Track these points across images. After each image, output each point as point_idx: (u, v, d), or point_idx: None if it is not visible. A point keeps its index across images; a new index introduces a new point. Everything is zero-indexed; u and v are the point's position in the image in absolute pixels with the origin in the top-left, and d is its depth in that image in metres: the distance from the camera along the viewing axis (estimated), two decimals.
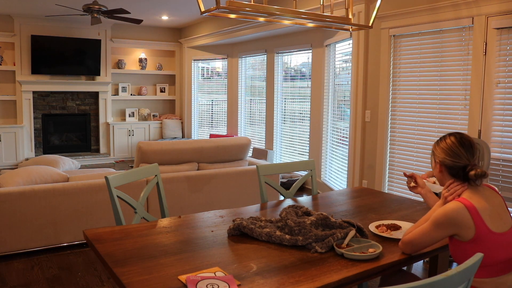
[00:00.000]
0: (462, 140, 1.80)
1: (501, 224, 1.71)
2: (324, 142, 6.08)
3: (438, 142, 1.87)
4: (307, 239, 1.85)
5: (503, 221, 1.73)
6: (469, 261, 1.34)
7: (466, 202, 1.68)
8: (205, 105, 9.10)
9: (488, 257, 1.65)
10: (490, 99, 3.60)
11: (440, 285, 1.24)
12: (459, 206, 1.66)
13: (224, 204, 4.40)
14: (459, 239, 1.70)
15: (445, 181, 1.85)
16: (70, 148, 8.46)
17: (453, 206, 1.67)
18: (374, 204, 2.61)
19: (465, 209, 1.65)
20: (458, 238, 1.69)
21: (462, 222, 1.65)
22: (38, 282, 3.21)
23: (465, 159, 1.77)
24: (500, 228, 1.70)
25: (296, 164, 3.06)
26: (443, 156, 1.81)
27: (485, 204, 1.71)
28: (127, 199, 2.40)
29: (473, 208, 1.66)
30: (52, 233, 3.73)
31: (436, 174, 1.90)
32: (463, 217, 1.65)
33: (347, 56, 5.35)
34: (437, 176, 1.89)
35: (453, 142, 1.80)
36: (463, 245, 1.69)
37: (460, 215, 1.65)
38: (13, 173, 3.89)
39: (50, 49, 7.82)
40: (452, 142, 1.81)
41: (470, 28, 3.73)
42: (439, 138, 1.89)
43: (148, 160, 4.19)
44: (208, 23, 8.06)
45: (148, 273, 1.59)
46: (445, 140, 1.84)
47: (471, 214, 1.65)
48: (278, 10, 2.19)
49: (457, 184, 1.80)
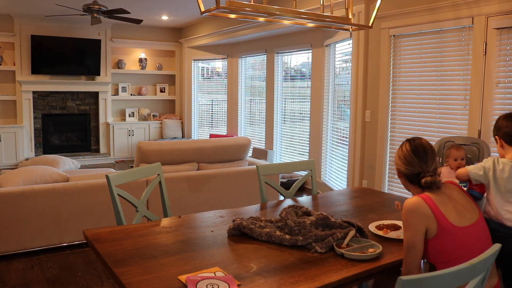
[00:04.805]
0: (415, 147, 1.83)
1: (464, 218, 1.72)
2: (324, 142, 6.08)
3: (398, 149, 1.91)
4: (307, 239, 1.85)
5: (468, 214, 1.74)
6: (489, 250, 1.37)
7: (424, 196, 1.72)
8: (205, 105, 9.10)
9: (454, 251, 1.66)
10: (490, 99, 3.60)
11: (465, 273, 1.28)
12: (416, 199, 1.70)
13: (224, 204, 4.40)
14: (426, 237, 1.70)
15: (407, 187, 1.89)
16: (70, 148, 8.46)
17: (411, 200, 1.71)
18: (374, 204, 2.61)
19: (422, 201, 1.69)
20: (426, 235, 1.70)
21: (424, 213, 1.67)
22: (38, 282, 3.21)
23: (418, 167, 1.80)
24: (464, 222, 1.71)
25: (296, 164, 3.06)
26: (400, 164, 1.86)
27: (445, 198, 1.74)
28: (128, 198, 2.40)
29: (430, 200, 1.69)
30: (52, 233, 3.73)
31: (400, 179, 1.94)
32: (423, 209, 1.68)
33: (347, 56, 5.35)
34: (401, 181, 1.93)
35: (407, 150, 1.84)
36: (430, 242, 1.69)
37: (419, 207, 1.68)
38: (13, 173, 3.89)
39: (50, 49, 7.81)
40: (406, 150, 1.85)
41: (470, 28, 3.73)
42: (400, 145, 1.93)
43: (148, 160, 4.19)
44: (208, 23, 8.05)
45: (148, 273, 1.59)
46: (401, 148, 1.88)
47: (430, 206, 1.68)
48: (278, 10, 2.19)
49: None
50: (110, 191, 2.36)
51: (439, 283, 1.22)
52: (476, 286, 1.36)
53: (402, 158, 1.84)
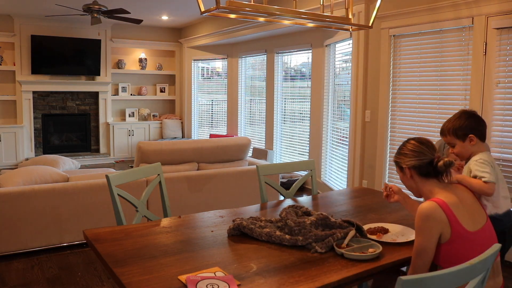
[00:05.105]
0: (419, 140, 1.86)
1: (475, 222, 1.72)
2: (324, 142, 6.08)
3: (399, 151, 1.90)
4: (307, 239, 1.85)
5: (476, 219, 1.74)
6: (489, 250, 1.37)
7: (438, 200, 1.68)
8: (205, 105, 9.10)
9: (466, 255, 1.63)
10: (490, 99, 3.60)
11: (465, 273, 1.28)
12: (431, 204, 1.66)
13: (224, 204, 4.39)
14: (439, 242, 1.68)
15: (418, 187, 1.85)
16: (70, 148, 8.46)
17: (426, 205, 1.67)
18: (374, 204, 2.61)
19: (437, 206, 1.65)
20: (439, 240, 1.68)
21: (439, 218, 1.64)
22: (38, 282, 3.21)
23: (429, 154, 1.80)
24: (475, 226, 1.70)
25: (296, 164, 3.06)
26: (409, 159, 1.83)
27: (457, 201, 1.71)
28: (128, 198, 2.40)
29: (445, 205, 1.66)
30: (52, 233, 3.73)
31: (407, 183, 1.89)
32: (438, 214, 1.65)
33: (347, 56, 5.35)
34: (409, 185, 1.89)
35: (413, 144, 1.84)
36: (443, 246, 1.68)
37: (435, 212, 1.65)
38: (13, 173, 3.89)
39: (50, 49, 7.81)
40: (412, 144, 1.85)
41: (470, 28, 3.73)
42: (398, 148, 1.91)
43: (148, 160, 4.19)
44: (208, 23, 8.05)
45: (148, 273, 1.59)
46: (405, 145, 1.88)
47: (445, 211, 1.65)
48: (278, 10, 2.19)
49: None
50: (110, 191, 2.36)
51: (439, 283, 1.22)
52: (476, 286, 1.36)
53: (411, 152, 1.82)
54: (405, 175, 1.87)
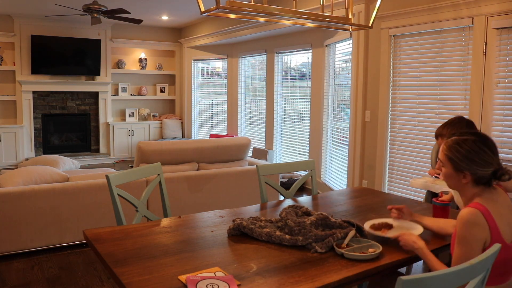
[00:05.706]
0: (484, 138, 1.60)
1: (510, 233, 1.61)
2: (324, 142, 6.08)
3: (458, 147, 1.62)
4: (307, 239, 1.85)
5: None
6: (488, 251, 1.36)
7: (480, 206, 1.56)
8: (205, 105, 9.10)
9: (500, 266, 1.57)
10: (490, 99, 3.60)
11: (465, 273, 1.28)
12: (474, 211, 1.55)
13: (224, 204, 4.40)
14: None
15: (465, 189, 1.66)
16: (70, 148, 8.46)
17: (469, 212, 1.55)
18: (374, 204, 2.61)
19: (480, 213, 1.55)
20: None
21: (483, 226, 1.54)
22: (38, 282, 3.21)
23: (495, 164, 1.59)
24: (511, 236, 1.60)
25: (296, 164, 3.06)
26: (473, 166, 1.59)
27: (499, 208, 1.60)
28: (128, 198, 2.40)
29: (487, 212, 1.55)
30: (52, 233, 3.73)
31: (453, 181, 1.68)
32: (482, 221, 1.54)
33: (347, 56, 5.35)
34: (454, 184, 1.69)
35: (478, 145, 1.58)
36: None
37: (480, 219, 1.54)
38: (13, 173, 3.89)
39: (50, 49, 7.82)
40: (476, 145, 1.58)
41: (470, 28, 3.73)
42: (454, 141, 1.65)
43: (148, 160, 4.19)
44: (208, 23, 8.06)
45: (148, 273, 1.59)
46: (466, 144, 1.60)
47: (487, 219, 1.55)
48: (278, 10, 2.19)
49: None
50: (110, 191, 2.36)
51: (439, 283, 1.22)
52: (476, 286, 1.36)
53: (474, 158, 1.58)
54: (459, 176, 1.65)
